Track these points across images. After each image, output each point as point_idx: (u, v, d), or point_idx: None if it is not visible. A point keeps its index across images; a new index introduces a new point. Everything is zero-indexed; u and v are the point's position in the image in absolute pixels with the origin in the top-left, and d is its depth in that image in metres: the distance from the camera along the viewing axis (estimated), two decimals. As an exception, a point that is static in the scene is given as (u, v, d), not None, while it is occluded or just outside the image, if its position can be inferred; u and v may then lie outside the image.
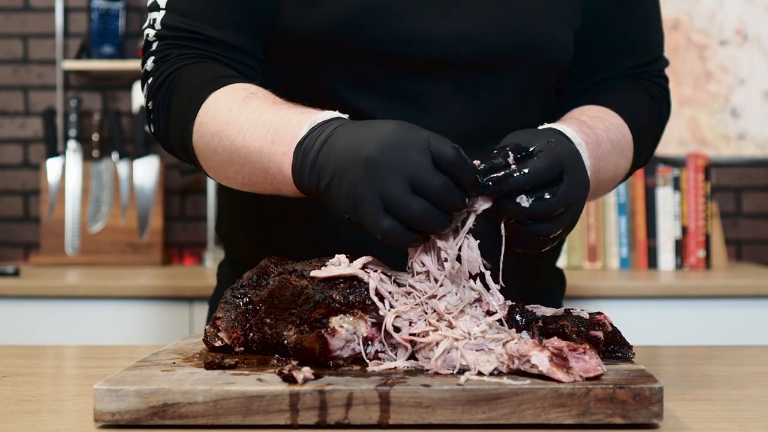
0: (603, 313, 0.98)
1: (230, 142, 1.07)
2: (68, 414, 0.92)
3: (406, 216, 0.91)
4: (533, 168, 0.95)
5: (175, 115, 1.16)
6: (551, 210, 0.96)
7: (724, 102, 3.19)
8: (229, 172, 1.11)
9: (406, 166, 0.90)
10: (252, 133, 1.05)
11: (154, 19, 1.20)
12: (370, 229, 0.92)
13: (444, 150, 0.92)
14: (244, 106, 1.08)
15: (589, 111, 1.22)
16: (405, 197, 0.90)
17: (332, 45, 1.18)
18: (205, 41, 1.19)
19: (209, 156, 1.12)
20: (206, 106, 1.12)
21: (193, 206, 3.23)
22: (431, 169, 0.91)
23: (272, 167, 1.02)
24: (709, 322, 2.45)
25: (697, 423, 0.86)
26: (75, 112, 3.10)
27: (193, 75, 1.16)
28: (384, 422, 0.83)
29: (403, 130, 0.94)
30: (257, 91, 1.11)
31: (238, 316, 1.03)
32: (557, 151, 0.97)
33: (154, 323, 2.48)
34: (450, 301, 0.96)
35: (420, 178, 0.90)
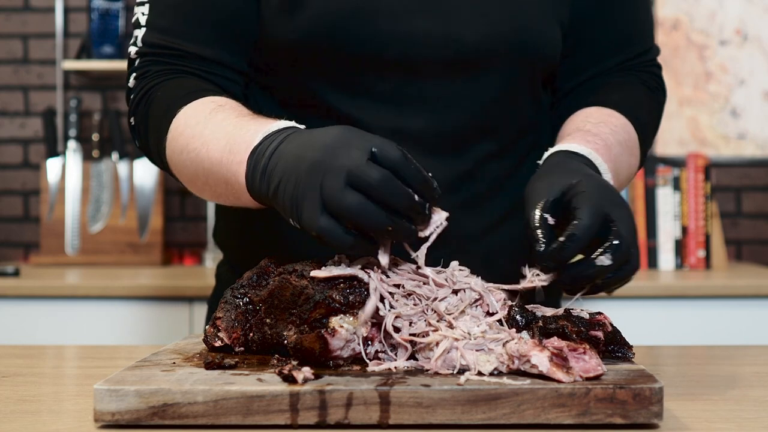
0: (603, 313, 0.98)
1: (196, 154, 1.09)
2: (68, 414, 0.92)
3: (341, 210, 0.89)
4: (580, 229, 0.95)
5: (152, 130, 1.18)
6: (627, 252, 0.96)
7: (724, 102, 3.19)
8: (198, 185, 1.13)
9: (345, 163, 0.90)
10: (214, 145, 1.06)
11: (136, 37, 1.22)
12: (307, 227, 0.91)
13: (387, 149, 0.91)
14: (210, 119, 1.09)
15: (592, 117, 1.22)
16: (339, 191, 0.89)
17: (317, 51, 1.19)
18: (184, 56, 1.20)
19: (181, 170, 1.14)
20: (176, 121, 1.13)
21: (193, 206, 3.24)
22: (367, 163, 0.89)
23: (230, 177, 1.03)
24: (709, 322, 2.45)
25: (697, 423, 0.86)
26: (75, 112, 3.10)
27: (167, 90, 1.18)
28: (384, 422, 0.83)
29: (348, 133, 0.93)
30: (225, 103, 1.12)
31: (238, 316, 1.03)
32: (591, 195, 0.97)
33: (154, 323, 2.48)
34: (450, 302, 0.96)
35: (357, 171, 0.89)
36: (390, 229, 0.90)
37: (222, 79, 1.21)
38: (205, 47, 1.20)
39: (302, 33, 1.18)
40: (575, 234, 0.94)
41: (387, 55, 1.19)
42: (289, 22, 1.19)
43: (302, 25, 1.18)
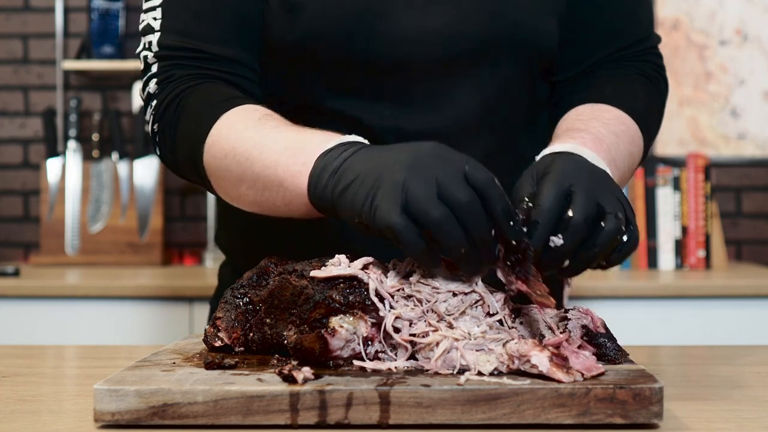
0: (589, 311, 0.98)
1: (245, 157, 1.06)
2: (68, 414, 0.92)
3: (425, 218, 0.88)
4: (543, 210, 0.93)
5: (184, 136, 1.15)
6: (579, 228, 0.93)
7: (724, 102, 3.19)
8: (241, 189, 1.10)
9: (439, 173, 0.89)
10: (270, 147, 1.04)
11: (150, 42, 1.20)
12: (381, 222, 0.89)
13: (479, 171, 0.90)
14: (261, 125, 1.08)
15: (582, 115, 1.21)
16: (429, 200, 0.87)
17: (315, 52, 1.19)
18: (206, 59, 1.19)
19: (222, 174, 1.11)
20: (219, 126, 1.11)
21: (193, 206, 3.24)
22: (462, 182, 0.89)
23: (287, 177, 1.01)
24: (709, 322, 2.45)
25: (697, 423, 0.86)
26: (75, 112, 3.10)
27: (200, 96, 1.15)
28: (384, 422, 0.83)
29: (442, 149, 0.92)
30: (271, 113, 1.11)
31: (238, 316, 1.03)
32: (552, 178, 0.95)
33: (154, 323, 2.48)
34: (451, 303, 0.96)
35: (449, 185, 0.88)
36: (463, 251, 0.89)
37: (244, 80, 1.20)
38: (225, 47, 1.19)
39: (301, 34, 1.18)
40: (536, 221, 0.93)
41: (385, 56, 1.19)
42: (288, 24, 1.19)
43: (301, 26, 1.18)
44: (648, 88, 1.31)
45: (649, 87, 1.31)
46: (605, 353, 0.95)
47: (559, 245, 0.93)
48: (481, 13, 1.20)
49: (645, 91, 1.30)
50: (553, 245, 0.93)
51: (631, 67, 1.32)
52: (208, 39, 1.19)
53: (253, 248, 1.33)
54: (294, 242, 1.24)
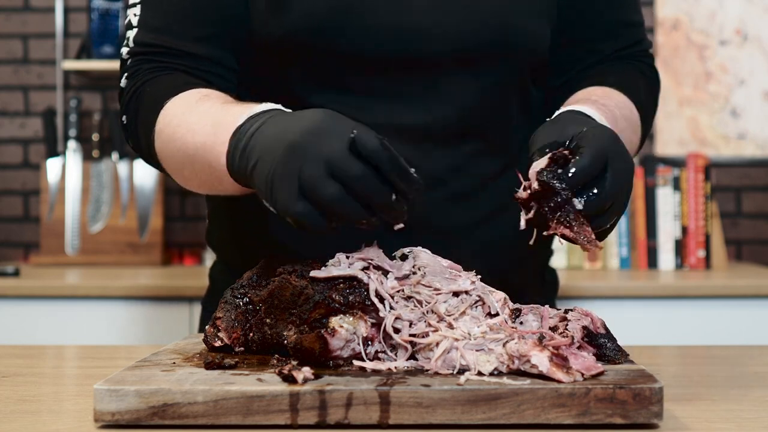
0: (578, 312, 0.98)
1: (182, 142, 1.09)
2: (68, 414, 0.92)
3: (320, 199, 0.89)
4: (579, 168, 0.94)
5: (141, 126, 1.18)
6: (602, 206, 0.95)
7: (724, 102, 3.19)
8: (185, 173, 1.13)
9: (325, 150, 0.89)
10: (199, 130, 1.06)
11: (128, 38, 1.23)
12: (283, 212, 0.91)
13: (367, 139, 0.90)
14: (196, 108, 1.10)
15: (595, 92, 1.21)
16: (320, 180, 0.89)
17: (303, 48, 1.19)
18: (175, 54, 1.21)
19: (168, 160, 1.15)
20: (164, 112, 1.14)
21: (193, 206, 3.24)
22: (348, 156, 0.89)
23: (213, 159, 1.03)
24: (709, 322, 2.45)
25: (697, 423, 0.86)
26: (75, 112, 3.10)
27: (156, 85, 1.18)
28: (384, 422, 0.83)
29: (329, 118, 0.93)
30: (210, 93, 1.13)
31: (238, 316, 1.03)
32: (597, 141, 0.96)
33: (154, 323, 2.48)
34: (451, 303, 0.96)
35: (337, 161, 0.89)
36: (364, 222, 0.91)
37: (213, 76, 1.21)
38: (197, 45, 1.20)
39: (288, 30, 1.18)
40: (574, 170, 0.94)
41: (373, 52, 1.19)
42: (275, 20, 1.19)
43: (288, 22, 1.18)
44: (646, 82, 1.32)
45: (647, 81, 1.32)
46: (605, 353, 0.95)
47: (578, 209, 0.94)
48: (472, 13, 1.20)
49: (644, 84, 1.31)
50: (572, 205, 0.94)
51: (629, 63, 1.32)
52: (183, 37, 1.20)
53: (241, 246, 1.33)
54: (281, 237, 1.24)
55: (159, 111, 1.14)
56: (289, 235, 1.23)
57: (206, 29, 1.21)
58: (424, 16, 1.19)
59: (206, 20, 1.21)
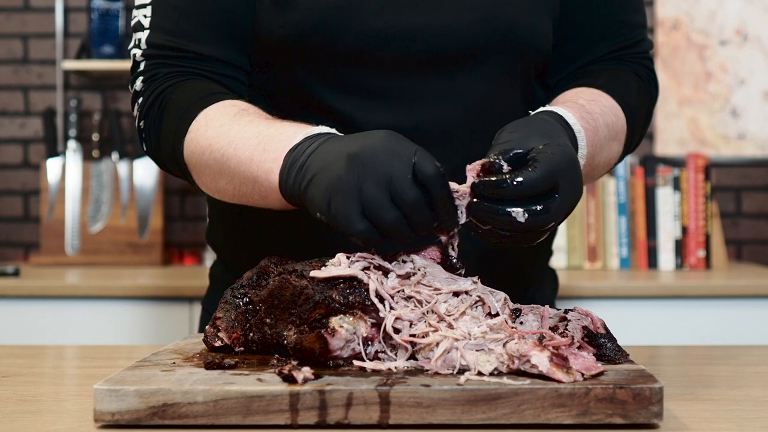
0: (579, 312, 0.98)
1: (221, 154, 1.09)
2: (68, 414, 0.92)
3: (381, 222, 0.92)
4: (528, 179, 0.94)
5: (166, 132, 1.18)
6: (545, 225, 0.96)
7: (724, 102, 3.19)
8: (220, 185, 1.12)
9: (388, 170, 0.92)
10: (243, 144, 1.06)
11: (139, 39, 1.22)
12: (345, 228, 0.93)
13: (426, 164, 0.93)
14: (236, 121, 1.10)
15: (583, 93, 1.21)
16: (384, 203, 0.92)
17: (307, 47, 1.19)
18: (192, 58, 1.21)
19: (201, 170, 1.14)
20: (197, 122, 1.13)
21: (193, 206, 3.24)
22: (410, 180, 0.92)
23: (261, 174, 1.04)
24: (709, 322, 2.45)
25: (697, 423, 0.86)
26: (75, 112, 3.10)
27: (183, 93, 1.18)
28: (384, 422, 0.83)
29: (392, 138, 0.95)
30: (248, 107, 1.14)
31: (238, 316, 1.03)
32: (554, 161, 0.96)
33: (154, 323, 2.48)
34: (451, 303, 0.96)
35: (398, 186, 0.92)
36: (408, 241, 0.95)
37: (229, 80, 1.22)
38: (211, 47, 1.21)
39: (293, 29, 1.18)
40: (521, 179, 0.94)
41: (376, 51, 1.19)
42: (280, 19, 1.19)
43: (293, 21, 1.18)
44: (640, 86, 1.31)
45: (642, 86, 1.31)
46: (605, 353, 0.95)
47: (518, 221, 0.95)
48: (474, 12, 1.20)
49: (637, 89, 1.30)
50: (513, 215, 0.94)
51: (626, 65, 1.32)
52: (195, 38, 1.20)
53: (242, 246, 1.33)
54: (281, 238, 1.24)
55: (190, 120, 1.14)
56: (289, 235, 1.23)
57: (218, 29, 1.21)
58: (428, 16, 1.19)
59: (218, 21, 1.21)
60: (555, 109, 1.11)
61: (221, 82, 1.21)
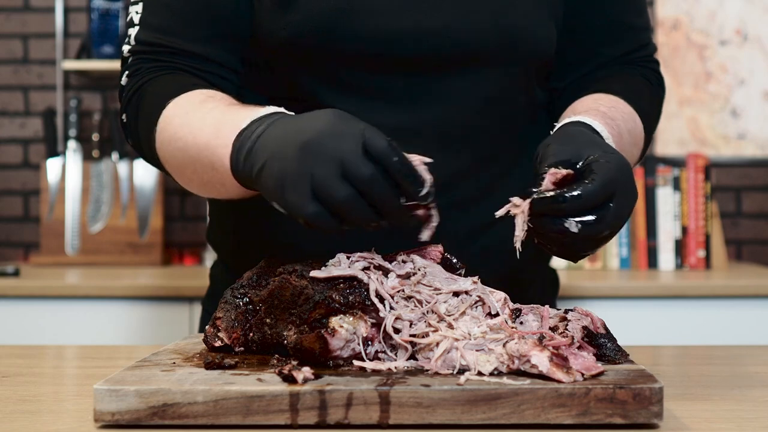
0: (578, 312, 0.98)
1: (183, 143, 1.09)
2: (68, 414, 0.92)
3: (332, 200, 0.90)
4: (586, 192, 0.94)
5: (142, 124, 1.18)
6: (598, 235, 0.96)
7: (724, 102, 3.19)
8: (187, 174, 1.12)
9: (337, 151, 0.90)
10: (202, 131, 1.06)
11: (129, 36, 1.23)
12: (295, 212, 0.92)
13: (376, 140, 0.91)
14: (199, 109, 1.10)
15: (603, 100, 1.20)
16: (333, 181, 0.89)
17: (308, 48, 1.19)
18: (177, 54, 1.20)
19: (169, 160, 1.14)
20: (165, 113, 1.13)
21: (193, 206, 3.24)
22: (361, 157, 0.90)
23: (216, 160, 1.03)
24: (709, 322, 2.45)
25: (697, 423, 0.86)
26: (75, 112, 3.10)
27: (158, 85, 1.18)
28: (384, 422, 0.83)
29: (339, 120, 0.93)
30: (215, 94, 1.13)
31: (238, 316, 1.03)
32: (610, 170, 0.96)
33: (154, 323, 2.48)
34: (451, 303, 0.96)
35: (349, 164, 0.89)
36: (374, 225, 0.92)
37: (215, 77, 1.21)
38: (199, 45, 1.20)
39: (294, 30, 1.18)
40: (579, 193, 0.94)
41: (377, 53, 1.19)
42: (281, 20, 1.19)
43: (294, 22, 1.18)
44: (650, 90, 1.31)
45: (652, 90, 1.31)
46: (605, 353, 0.95)
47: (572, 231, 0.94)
48: (478, 14, 1.20)
49: (648, 93, 1.30)
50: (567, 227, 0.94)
51: (635, 69, 1.32)
52: (184, 36, 1.20)
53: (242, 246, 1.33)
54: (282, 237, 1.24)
55: (160, 111, 1.14)
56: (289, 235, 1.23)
57: (209, 29, 1.21)
58: (430, 18, 1.19)
59: (208, 20, 1.21)
60: (582, 118, 1.10)
61: (206, 79, 1.20)
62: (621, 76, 1.29)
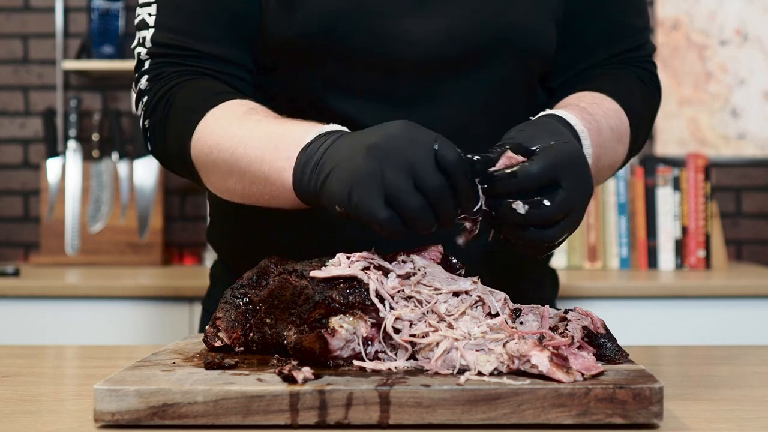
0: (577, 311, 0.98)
1: (230, 153, 1.08)
2: (68, 414, 0.92)
3: (406, 209, 0.91)
4: (523, 172, 0.94)
5: (173, 131, 1.17)
6: (547, 218, 0.96)
7: (724, 102, 3.19)
8: (229, 184, 1.12)
9: (410, 157, 0.91)
10: (254, 143, 1.06)
11: (143, 38, 1.22)
12: (368, 217, 0.92)
13: (448, 151, 0.92)
14: (245, 120, 1.10)
15: (586, 97, 1.21)
16: (408, 190, 0.90)
17: (313, 49, 1.19)
18: (197, 56, 1.20)
19: (210, 169, 1.13)
20: (205, 121, 1.13)
21: (193, 206, 3.24)
22: (434, 167, 0.91)
23: (272, 173, 1.03)
24: (709, 322, 2.45)
25: (697, 423, 0.86)
26: (75, 112, 3.10)
27: (188, 92, 1.17)
28: (384, 422, 0.83)
29: (410, 127, 0.94)
30: (256, 107, 1.13)
31: (238, 316, 1.03)
32: (554, 154, 0.96)
33: (154, 323, 2.48)
34: (451, 303, 0.96)
35: (422, 173, 0.90)
36: (433, 230, 0.94)
37: (234, 79, 1.21)
38: (216, 46, 1.20)
39: (298, 31, 1.18)
40: (515, 171, 0.94)
41: (381, 54, 1.19)
42: (286, 20, 1.19)
43: (299, 23, 1.18)
44: (643, 90, 1.31)
45: (645, 90, 1.31)
46: (605, 353, 0.95)
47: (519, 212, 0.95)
48: (479, 15, 1.20)
49: (640, 92, 1.30)
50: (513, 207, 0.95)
51: (629, 69, 1.31)
52: (200, 37, 1.20)
53: (242, 246, 1.33)
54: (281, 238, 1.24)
55: (197, 119, 1.13)
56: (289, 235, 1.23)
57: (223, 29, 1.21)
58: (434, 19, 1.19)
59: (223, 20, 1.21)
60: (556, 112, 1.11)
61: (226, 81, 1.20)
62: (612, 74, 1.29)
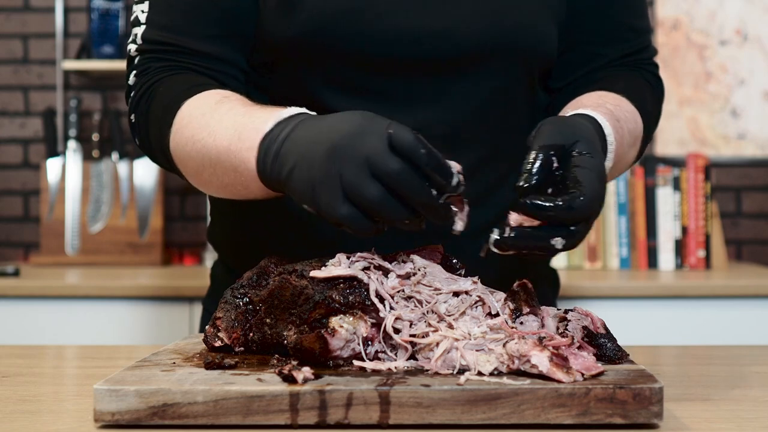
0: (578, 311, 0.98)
1: (202, 145, 1.08)
2: (68, 414, 0.92)
3: (363, 200, 0.89)
4: (577, 206, 0.93)
5: (154, 125, 1.17)
6: (574, 245, 0.96)
7: (724, 102, 3.19)
8: (204, 176, 1.12)
9: (363, 150, 0.90)
10: (221, 133, 1.05)
11: (135, 35, 1.22)
12: (328, 215, 0.92)
13: (402, 135, 0.90)
14: (216, 110, 1.09)
15: (608, 98, 1.20)
16: (362, 181, 0.89)
17: (313, 49, 1.19)
18: (186, 53, 1.20)
19: (186, 162, 1.14)
20: (180, 113, 1.13)
21: (193, 206, 3.24)
22: (387, 153, 0.90)
23: (239, 164, 1.03)
24: (709, 322, 2.45)
25: (697, 423, 0.86)
26: (75, 112, 3.10)
27: (169, 85, 1.17)
28: (384, 422, 0.83)
29: (365, 118, 0.93)
30: (230, 95, 1.12)
31: (238, 316, 1.03)
32: (598, 189, 0.95)
33: (154, 323, 2.48)
34: (451, 303, 0.96)
35: (376, 160, 0.89)
36: (407, 222, 0.92)
37: (223, 76, 1.21)
38: (206, 43, 1.20)
39: (298, 31, 1.18)
40: (569, 206, 0.92)
41: (381, 54, 1.19)
42: (285, 20, 1.19)
43: (298, 22, 1.18)
44: (652, 92, 1.31)
45: (653, 92, 1.31)
46: (605, 353, 0.95)
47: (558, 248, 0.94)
48: (481, 15, 1.20)
49: (650, 95, 1.30)
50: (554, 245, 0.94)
51: (635, 70, 1.31)
52: (191, 35, 1.20)
53: (242, 246, 1.33)
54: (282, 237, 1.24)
55: (175, 111, 1.13)
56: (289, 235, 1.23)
57: (215, 27, 1.21)
58: (434, 19, 1.19)
59: (215, 19, 1.21)
60: (590, 113, 1.09)
61: (215, 77, 1.20)
62: (624, 75, 1.29)
